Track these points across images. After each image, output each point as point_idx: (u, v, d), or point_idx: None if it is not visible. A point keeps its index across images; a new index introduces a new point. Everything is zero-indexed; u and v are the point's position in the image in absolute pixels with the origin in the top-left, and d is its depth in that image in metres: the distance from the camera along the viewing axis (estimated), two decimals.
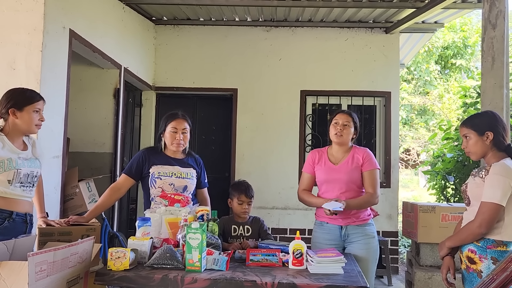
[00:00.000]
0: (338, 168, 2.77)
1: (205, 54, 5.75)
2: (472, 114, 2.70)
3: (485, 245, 2.10)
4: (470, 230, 2.12)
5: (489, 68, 3.17)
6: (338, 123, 2.78)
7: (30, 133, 2.46)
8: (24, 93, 2.42)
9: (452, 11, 5.09)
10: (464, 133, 2.27)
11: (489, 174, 2.12)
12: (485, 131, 2.19)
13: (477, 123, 2.24)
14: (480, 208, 2.09)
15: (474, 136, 2.22)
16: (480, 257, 2.10)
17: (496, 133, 2.18)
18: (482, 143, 2.20)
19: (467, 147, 2.27)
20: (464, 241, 2.17)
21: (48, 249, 1.82)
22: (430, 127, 13.73)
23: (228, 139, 5.79)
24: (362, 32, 5.72)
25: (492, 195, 2.05)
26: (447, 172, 5.54)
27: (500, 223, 2.08)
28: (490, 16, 3.17)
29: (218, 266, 2.15)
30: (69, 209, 3.45)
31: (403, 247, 7.03)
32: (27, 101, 2.37)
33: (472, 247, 2.14)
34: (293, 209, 5.55)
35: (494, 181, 2.08)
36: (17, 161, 2.33)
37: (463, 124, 2.30)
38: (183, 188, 2.80)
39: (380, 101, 5.75)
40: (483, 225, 2.06)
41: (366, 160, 2.76)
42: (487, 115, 2.31)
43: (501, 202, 2.04)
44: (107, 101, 4.67)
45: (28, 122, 2.37)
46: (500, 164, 2.11)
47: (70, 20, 3.52)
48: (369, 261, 2.67)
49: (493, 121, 2.23)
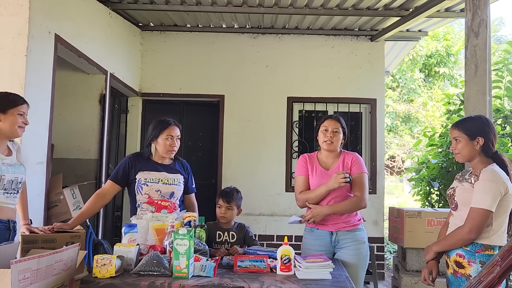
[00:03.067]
0: (330, 173, 2.73)
1: (192, 60, 5.74)
2: (464, 117, 2.71)
3: (473, 249, 2.11)
4: (460, 236, 2.13)
5: (472, 75, 3.23)
6: (327, 130, 2.75)
7: (14, 136, 2.42)
8: (7, 96, 2.39)
9: (435, 20, 5.19)
10: (454, 135, 2.27)
11: (479, 180, 2.12)
12: (477, 136, 2.20)
13: (470, 127, 2.25)
14: (470, 213, 2.10)
15: (465, 140, 2.22)
16: (469, 261, 2.11)
17: (486, 139, 2.20)
18: (471, 148, 2.21)
19: (456, 149, 2.27)
20: (453, 246, 2.17)
21: (31, 256, 1.78)
22: (415, 134, 13.90)
23: (215, 146, 5.78)
24: (348, 40, 5.78)
25: (483, 201, 2.06)
26: (431, 178, 5.61)
27: (488, 228, 2.10)
28: (472, 25, 3.24)
29: (205, 272, 2.14)
30: (53, 216, 3.39)
31: (388, 253, 7.07)
32: (10, 104, 2.35)
33: (460, 252, 2.15)
34: (280, 215, 5.54)
35: (484, 187, 2.09)
36: (1, 167, 2.29)
37: (455, 126, 2.29)
38: (170, 195, 2.78)
39: (366, 107, 5.81)
40: (473, 230, 2.07)
41: (355, 164, 2.75)
42: (481, 120, 2.30)
43: (491, 208, 2.06)
44: (93, 107, 4.63)
45: (11, 125, 2.34)
46: (490, 170, 2.13)
47: (56, 25, 3.48)
48: (358, 266, 2.65)
49: (486, 127, 2.23)
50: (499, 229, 2.12)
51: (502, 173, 2.13)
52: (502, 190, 2.07)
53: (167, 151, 2.81)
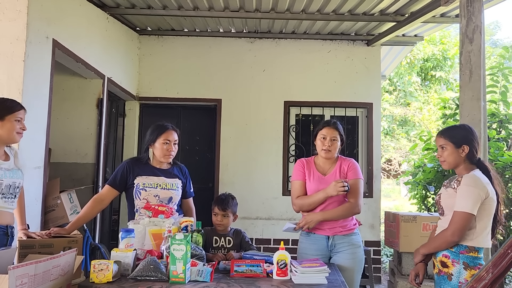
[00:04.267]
0: (327, 178, 2.76)
1: (189, 64, 5.76)
2: (449, 125, 2.78)
3: (458, 250, 2.22)
4: (444, 238, 2.24)
5: (467, 81, 3.26)
6: (325, 138, 2.75)
7: (11, 142, 2.44)
8: (4, 102, 2.40)
9: (431, 25, 5.23)
10: (441, 143, 2.36)
11: (461, 185, 2.23)
12: (462, 144, 2.30)
13: (455, 135, 2.34)
14: (452, 217, 2.21)
15: (451, 148, 2.32)
16: (453, 262, 2.22)
17: (471, 147, 2.30)
18: (457, 155, 2.31)
19: (442, 157, 2.37)
20: (438, 248, 2.29)
21: (29, 261, 1.79)
22: (411, 137, 13.95)
23: (212, 150, 5.79)
24: (344, 44, 5.82)
25: (464, 204, 2.17)
26: (427, 182, 5.64)
27: (472, 231, 2.21)
28: (467, 31, 3.27)
29: (202, 277, 2.15)
30: (50, 221, 3.39)
31: (385, 257, 7.09)
32: (7, 110, 2.36)
33: (446, 253, 2.26)
34: (277, 219, 5.56)
35: (465, 192, 2.20)
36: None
37: (441, 134, 2.38)
38: (168, 200, 2.79)
39: (362, 112, 5.84)
40: (456, 233, 2.18)
41: (350, 169, 2.77)
42: (465, 128, 2.40)
43: (472, 211, 2.16)
44: (90, 111, 4.64)
45: (10, 131, 2.36)
46: (471, 176, 2.24)
47: (54, 30, 3.50)
48: (354, 270, 2.67)
49: (470, 135, 2.33)
50: (483, 231, 2.22)
51: (483, 177, 2.24)
52: (483, 194, 2.18)
53: (164, 156, 2.82)
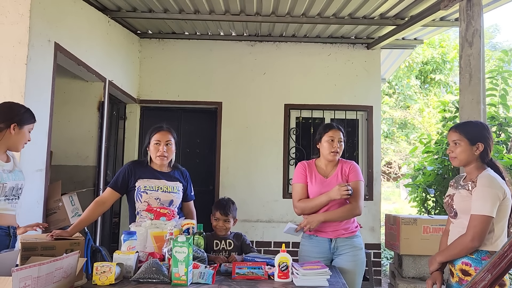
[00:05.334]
0: (329, 181, 2.76)
1: (190, 67, 5.78)
2: (464, 121, 2.69)
3: (479, 256, 2.09)
4: (463, 245, 2.10)
5: (467, 84, 3.28)
6: (334, 140, 2.75)
7: (16, 150, 2.48)
8: (27, 112, 2.47)
9: (431, 29, 5.26)
10: (454, 138, 2.24)
11: (477, 186, 2.11)
12: (477, 141, 2.18)
13: (471, 131, 2.22)
14: (470, 221, 2.08)
15: (465, 144, 2.20)
16: (475, 269, 2.09)
17: (486, 146, 2.19)
18: (470, 153, 2.19)
19: (453, 153, 2.25)
20: (457, 255, 2.15)
21: (32, 264, 1.80)
22: (411, 140, 13.97)
23: (212, 152, 5.80)
24: (344, 48, 5.84)
25: (482, 207, 2.05)
26: (427, 185, 5.65)
27: (491, 234, 2.09)
28: (466, 35, 3.29)
29: (204, 279, 2.16)
30: (52, 223, 3.40)
31: (385, 259, 7.09)
32: (28, 120, 2.43)
33: (466, 260, 2.13)
34: (277, 222, 5.56)
35: (482, 193, 2.08)
36: (2, 175, 2.32)
37: (456, 129, 2.26)
38: (169, 203, 2.79)
39: (362, 115, 5.86)
40: (476, 238, 2.05)
41: (351, 171, 2.78)
42: (482, 125, 2.29)
43: (492, 214, 2.05)
44: (91, 114, 4.65)
45: (21, 140, 2.42)
46: (486, 176, 2.12)
47: (55, 33, 3.52)
48: (356, 273, 2.68)
49: (486, 133, 2.22)
50: (501, 234, 2.11)
51: (498, 177, 2.13)
52: (500, 195, 2.07)
53: (156, 157, 2.82)
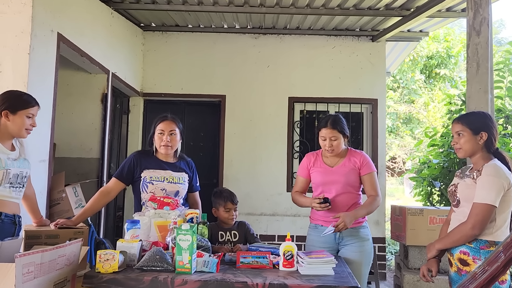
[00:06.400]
0: (335, 170, 2.75)
1: (194, 60, 5.75)
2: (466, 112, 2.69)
3: (478, 246, 2.08)
4: (463, 232, 2.09)
5: (474, 73, 3.24)
6: (325, 139, 2.73)
7: (19, 137, 2.46)
8: (20, 96, 2.42)
9: (436, 20, 5.20)
10: (457, 129, 2.24)
11: (482, 175, 2.09)
12: (480, 131, 2.17)
13: (474, 121, 2.21)
14: (472, 209, 2.07)
15: (468, 134, 2.19)
16: (473, 259, 2.08)
17: (490, 135, 2.17)
18: (474, 142, 2.18)
19: (457, 144, 2.24)
20: (456, 243, 2.14)
21: (35, 250, 1.78)
22: (416, 135, 13.91)
23: (216, 146, 5.78)
24: (349, 40, 5.79)
25: (486, 196, 2.04)
26: (433, 178, 5.61)
27: (492, 224, 2.07)
28: (474, 23, 3.24)
29: (208, 268, 2.13)
30: (56, 214, 3.39)
31: (389, 254, 7.06)
32: (22, 105, 2.37)
33: (464, 249, 2.11)
34: (282, 215, 5.54)
35: (487, 182, 2.06)
36: (6, 161, 2.32)
37: (458, 120, 2.26)
38: (175, 193, 2.77)
39: (367, 108, 5.82)
40: (477, 226, 2.04)
41: (364, 163, 2.77)
42: (484, 115, 2.29)
43: (495, 203, 2.03)
44: (95, 106, 4.63)
45: (19, 126, 2.37)
46: (492, 166, 2.11)
47: (58, 24, 3.49)
48: (362, 263, 2.65)
49: (489, 122, 2.21)
50: (503, 224, 2.09)
51: (504, 167, 2.11)
52: (505, 185, 2.05)
53: (160, 147, 2.81)
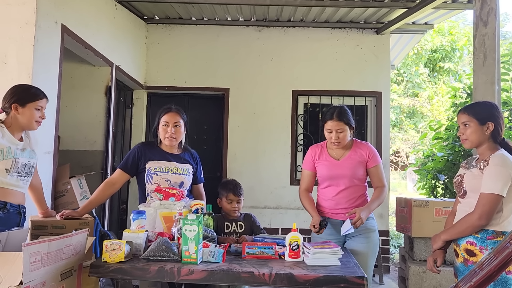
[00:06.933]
0: (341, 163, 2.72)
1: (197, 53, 5.73)
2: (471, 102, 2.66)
3: (485, 236, 2.06)
4: (469, 222, 2.07)
5: (481, 64, 3.21)
6: (331, 132, 2.68)
7: (29, 129, 2.48)
8: (29, 90, 2.46)
9: (442, 12, 5.15)
10: (463, 120, 2.21)
11: (489, 165, 2.08)
12: (487, 121, 2.15)
13: (480, 111, 2.19)
14: (479, 199, 2.05)
15: (475, 124, 2.17)
16: (480, 249, 2.06)
17: (496, 124, 2.15)
18: (481, 133, 2.16)
19: (464, 134, 2.22)
20: (463, 233, 2.12)
21: (42, 239, 1.79)
22: (420, 129, 13.86)
23: (220, 139, 5.77)
24: (353, 33, 5.76)
25: (493, 186, 2.02)
26: (437, 171, 5.59)
27: (499, 214, 2.06)
28: (481, 14, 3.21)
29: (214, 258, 2.14)
30: (61, 206, 3.39)
31: (393, 247, 7.06)
32: (30, 98, 2.40)
33: (471, 239, 2.09)
34: (285, 208, 5.54)
35: (494, 172, 2.04)
36: (16, 151, 2.35)
37: (464, 110, 2.23)
38: (179, 184, 2.77)
39: (371, 101, 5.79)
40: (484, 216, 2.02)
41: (371, 156, 2.74)
42: (490, 105, 2.26)
43: (502, 193, 2.02)
44: (99, 99, 4.63)
45: (29, 119, 2.40)
46: (499, 156, 2.09)
47: (62, 15, 3.48)
48: (368, 255, 2.65)
49: (495, 112, 2.19)
50: (510, 214, 2.07)
51: (511, 158, 2.09)
52: None
53: (164, 138, 2.80)
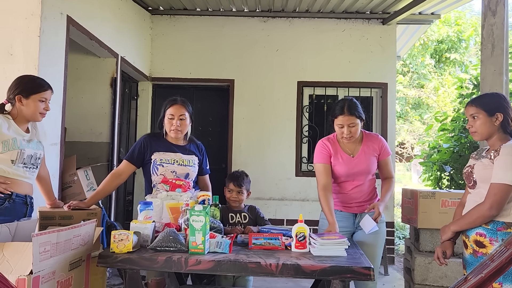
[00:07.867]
0: (357, 160, 2.68)
1: (202, 44, 5.71)
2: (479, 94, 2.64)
3: (495, 227, 2.04)
4: (480, 212, 2.05)
5: (489, 55, 3.18)
6: (343, 126, 2.59)
7: (34, 120, 2.48)
8: (33, 81, 2.44)
9: (449, 2, 5.08)
10: (471, 112, 2.19)
11: (500, 155, 2.05)
12: (495, 112, 2.13)
13: (488, 103, 2.17)
14: (490, 189, 2.03)
15: (483, 116, 2.15)
16: (490, 240, 2.04)
17: (505, 115, 2.13)
18: (490, 124, 2.14)
19: (473, 127, 2.20)
20: (473, 224, 2.09)
21: (51, 230, 1.81)
22: (425, 120, 13.80)
23: (225, 130, 5.77)
24: (359, 23, 5.71)
25: (504, 176, 2.00)
26: (443, 162, 5.57)
27: (510, 205, 2.03)
28: (490, 3, 3.17)
29: (221, 249, 2.15)
30: (68, 197, 3.42)
31: (397, 239, 7.07)
32: (34, 90, 2.39)
33: (481, 231, 2.07)
34: (290, 200, 5.55)
35: (505, 162, 2.02)
36: (22, 142, 2.36)
37: (472, 103, 2.21)
38: (185, 176, 2.78)
39: (377, 92, 5.76)
40: (494, 206, 2.00)
41: (383, 149, 2.72)
42: (498, 95, 2.24)
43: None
44: (104, 90, 4.63)
45: (33, 110, 2.39)
46: (510, 146, 2.06)
47: (68, 6, 3.47)
48: (376, 245, 2.65)
49: (504, 102, 2.16)
50: None
51: None
52: None
53: (170, 131, 2.81)
